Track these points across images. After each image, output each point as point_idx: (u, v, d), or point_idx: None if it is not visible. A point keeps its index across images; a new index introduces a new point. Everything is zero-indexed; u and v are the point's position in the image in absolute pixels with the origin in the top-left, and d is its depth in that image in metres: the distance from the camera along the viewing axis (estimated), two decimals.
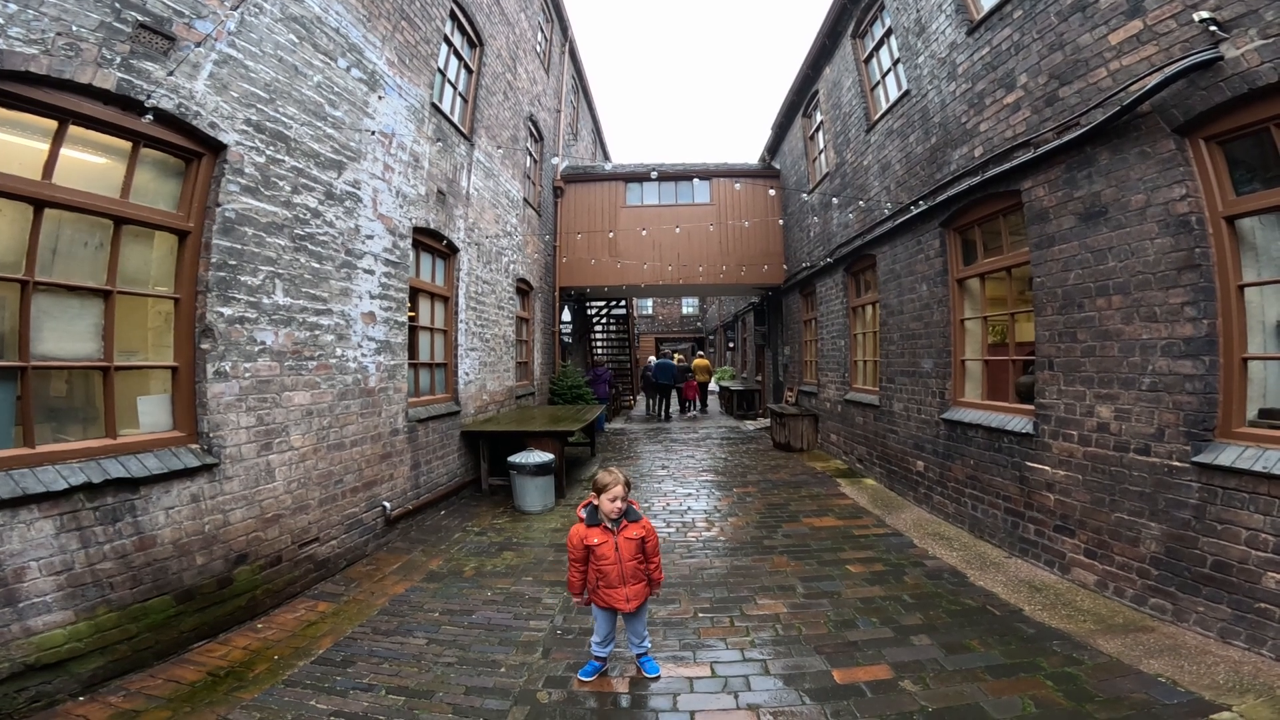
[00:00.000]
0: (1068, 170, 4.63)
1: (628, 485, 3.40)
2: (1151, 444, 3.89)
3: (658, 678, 3.43)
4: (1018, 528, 5.15)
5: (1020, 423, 5.18)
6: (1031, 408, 5.08)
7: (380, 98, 5.98)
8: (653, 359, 19.39)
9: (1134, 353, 4.04)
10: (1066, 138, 4.53)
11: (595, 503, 3.39)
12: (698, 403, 19.60)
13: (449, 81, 8.13)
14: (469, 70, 8.85)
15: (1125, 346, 4.11)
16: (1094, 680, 3.15)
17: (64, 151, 3.26)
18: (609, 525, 3.37)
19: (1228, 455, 3.39)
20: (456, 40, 8.29)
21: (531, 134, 12.49)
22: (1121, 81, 4.08)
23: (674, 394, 18.09)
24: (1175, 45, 3.68)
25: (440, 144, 7.48)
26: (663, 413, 17.61)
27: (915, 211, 7.02)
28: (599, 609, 3.43)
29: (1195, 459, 3.57)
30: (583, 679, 3.42)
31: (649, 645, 3.55)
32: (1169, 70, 3.63)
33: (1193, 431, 3.63)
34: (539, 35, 12.88)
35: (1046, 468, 4.82)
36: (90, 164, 3.48)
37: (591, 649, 3.50)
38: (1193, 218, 3.66)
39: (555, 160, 13.84)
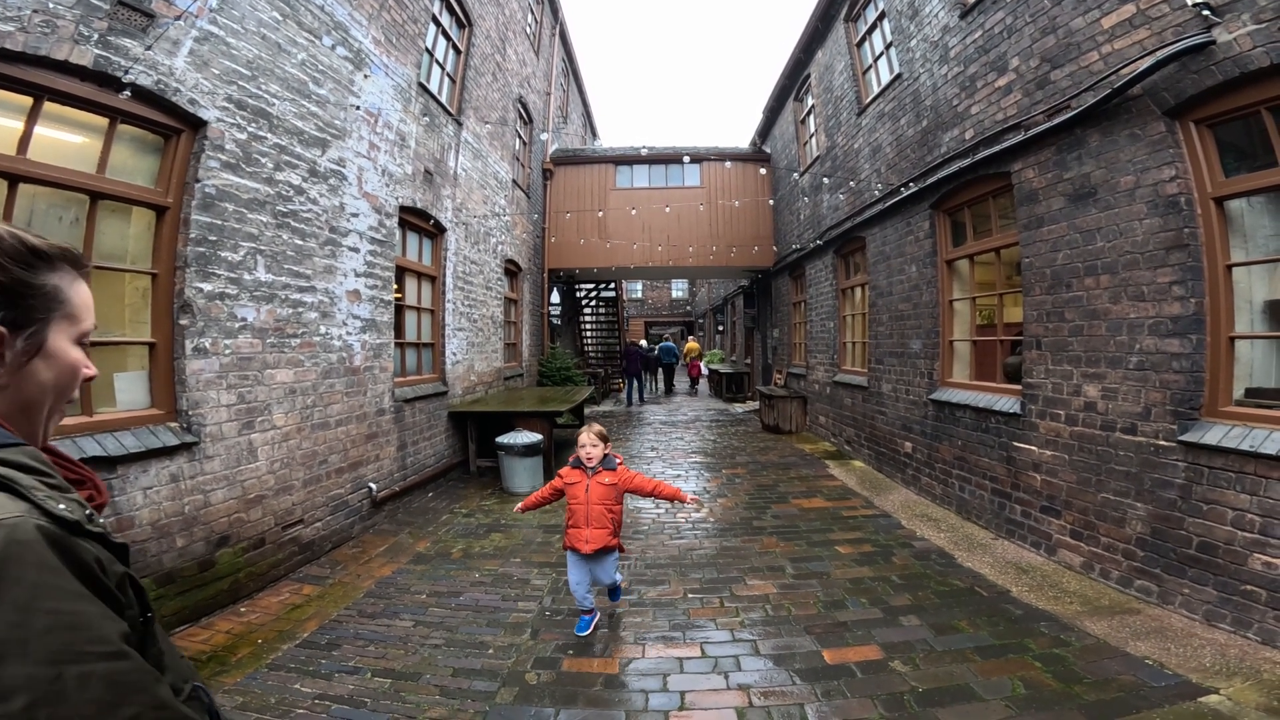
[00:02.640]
0: (1058, 152, 4.61)
1: (603, 437, 3.78)
2: (1138, 423, 3.91)
3: (619, 603, 4.04)
4: (1004, 509, 5.18)
5: (1007, 403, 5.20)
6: (1019, 388, 5.10)
7: (366, 76, 5.85)
8: (643, 342, 20.74)
9: (1121, 332, 4.05)
10: (1057, 120, 4.52)
11: (579, 453, 3.77)
12: (695, 382, 21.79)
13: (437, 61, 8.00)
14: (457, 51, 8.70)
15: (1113, 326, 4.12)
16: (1082, 662, 3.18)
17: (40, 127, 3.18)
18: (587, 469, 3.70)
19: (1214, 434, 3.41)
20: (445, 20, 8.14)
21: (521, 116, 12.34)
22: (1113, 65, 4.06)
23: (667, 372, 20.43)
24: (1168, 29, 3.66)
25: (428, 124, 7.36)
26: (666, 388, 20.23)
27: (905, 194, 7.01)
28: (569, 554, 3.73)
29: (1181, 438, 3.59)
30: (579, 634, 3.68)
31: (619, 579, 3.97)
32: (1161, 54, 3.62)
33: (1179, 410, 3.65)
34: (529, 17, 12.69)
35: (1033, 448, 4.84)
36: (66, 139, 3.39)
37: (577, 603, 3.77)
38: (1182, 199, 3.66)
39: (545, 136, 13.69)
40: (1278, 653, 3.01)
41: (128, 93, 3.42)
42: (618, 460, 3.82)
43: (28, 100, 3.12)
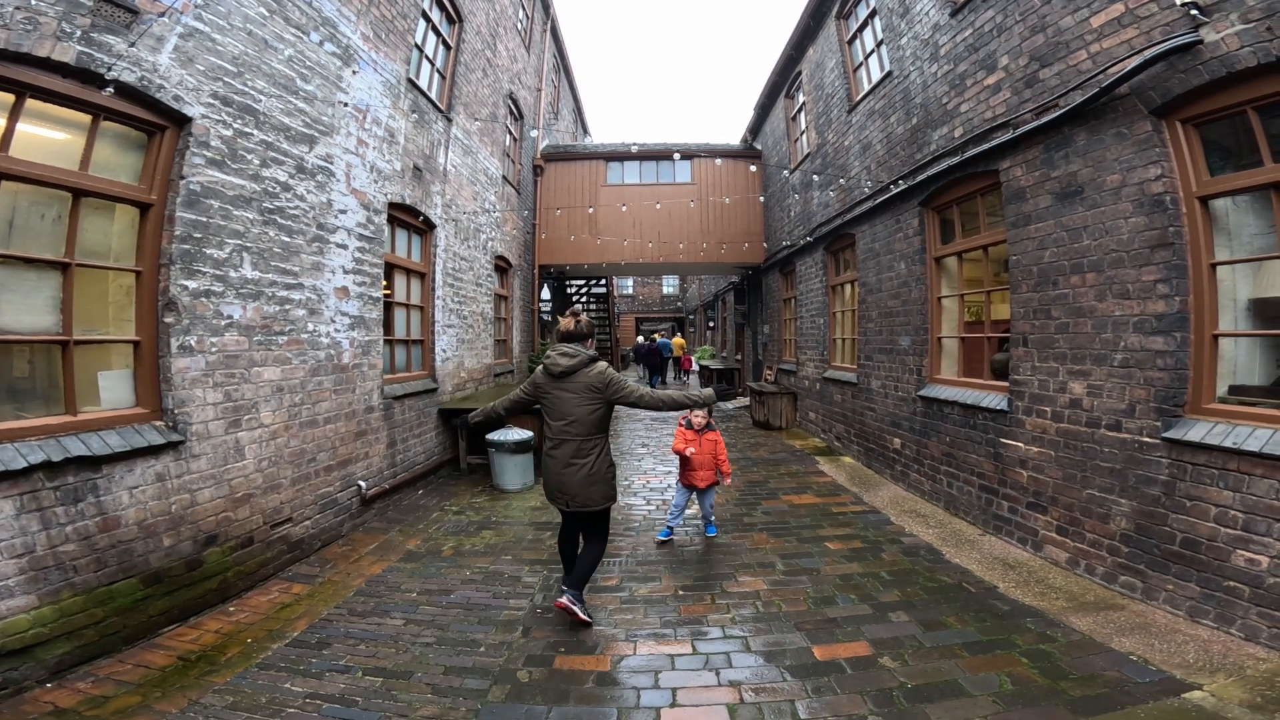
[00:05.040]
0: (1045, 151, 4.64)
1: (710, 410, 5.30)
2: (1122, 420, 3.95)
3: (714, 537, 5.36)
4: (992, 505, 5.22)
5: (995, 399, 5.24)
6: (1006, 384, 5.14)
7: (354, 73, 5.81)
8: (640, 339, 22.10)
9: (1107, 329, 4.08)
10: (1045, 119, 4.54)
11: (689, 418, 5.25)
12: (687, 374, 23.99)
13: (427, 57, 7.93)
14: (447, 46, 8.63)
15: (1098, 323, 4.15)
16: (1067, 658, 3.21)
17: (22, 123, 3.14)
18: (696, 430, 5.22)
19: (1197, 431, 3.44)
20: (435, 16, 8.08)
21: (511, 112, 12.28)
22: (1101, 64, 4.08)
23: (668, 366, 22.54)
24: (1156, 29, 3.68)
25: (417, 120, 7.31)
26: (654, 383, 21.19)
27: (895, 191, 7.03)
28: (682, 487, 5.36)
29: (1165, 435, 3.62)
30: (660, 539, 5.27)
31: (714, 517, 5.50)
32: (1149, 53, 3.63)
33: (1163, 407, 3.68)
34: (520, 13, 12.61)
35: (1020, 444, 4.88)
36: (49, 136, 3.35)
37: (669, 519, 5.39)
38: (1167, 198, 3.68)
39: (534, 133, 13.63)
40: (1260, 649, 3.04)
41: (110, 89, 3.38)
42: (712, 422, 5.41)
43: (9, 97, 3.08)
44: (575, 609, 3.73)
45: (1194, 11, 3.40)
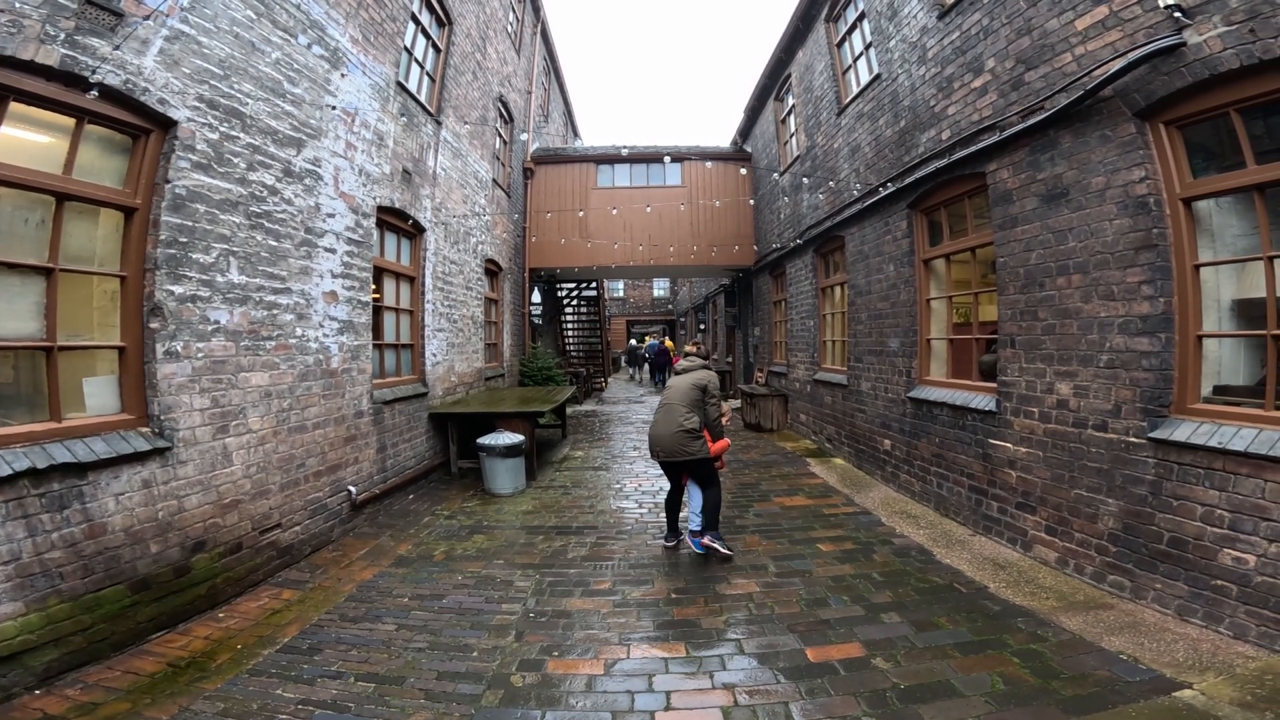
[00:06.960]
0: (1031, 153, 4.68)
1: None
2: (1109, 420, 3.98)
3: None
4: (981, 505, 5.25)
5: (983, 400, 5.27)
6: (994, 385, 5.17)
7: (343, 75, 5.78)
8: (633, 342, 22.73)
9: (1092, 330, 4.12)
10: (1031, 121, 4.58)
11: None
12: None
13: (416, 60, 7.91)
14: (437, 49, 8.61)
15: (1084, 324, 4.19)
16: (1058, 657, 3.23)
17: (5, 127, 3.10)
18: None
19: (1183, 431, 3.48)
20: (424, 18, 8.06)
21: (501, 115, 12.26)
22: (1086, 66, 4.12)
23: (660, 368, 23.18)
24: (1139, 31, 3.72)
25: (406, 123, 7.29)
26: (656, 380, 22.38)
27: (884, 193, 7.07)
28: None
29: (1151, 435, 3.66)
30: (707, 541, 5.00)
31: None
32: (1132, 55, 3.66)
33: (1149, 408, 3.71)
34: (510, 15, 12.60)
35: (1008, 445, 4.91)
36: (32, 139, 3.31)
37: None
38: (1151, 199, 3.72)
39: (524, 136, 13.61)
40: (1249, 647, 3.07)
41: (95, 93, 3.34)
42: None
43: None
44: (716, 546, 4.89)
45: (1177, 14, 3.43)
